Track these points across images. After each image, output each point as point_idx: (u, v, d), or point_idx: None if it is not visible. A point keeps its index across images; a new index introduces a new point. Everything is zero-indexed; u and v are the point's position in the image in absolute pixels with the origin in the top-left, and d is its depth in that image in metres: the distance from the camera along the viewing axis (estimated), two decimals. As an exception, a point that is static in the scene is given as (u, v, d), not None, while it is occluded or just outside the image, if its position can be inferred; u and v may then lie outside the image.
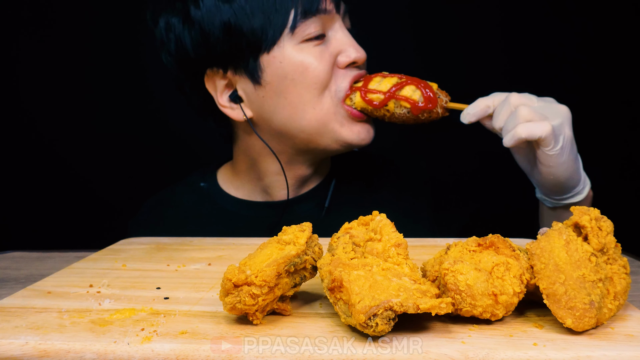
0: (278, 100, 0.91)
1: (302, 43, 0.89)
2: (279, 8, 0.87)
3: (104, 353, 0.47)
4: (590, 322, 0.48)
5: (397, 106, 0.87)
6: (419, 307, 0.46)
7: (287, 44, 0.89)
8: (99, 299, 0.60)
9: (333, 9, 0.91)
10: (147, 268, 0.73)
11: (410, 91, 0.87)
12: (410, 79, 0.89)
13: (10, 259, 0.89)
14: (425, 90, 0.86)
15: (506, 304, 0.50)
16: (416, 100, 0.86)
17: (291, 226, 0.60)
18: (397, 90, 0.88)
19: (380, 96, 0.88)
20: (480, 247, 0.56)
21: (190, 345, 0.47)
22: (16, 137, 1.63)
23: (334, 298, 0.50)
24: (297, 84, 0.90)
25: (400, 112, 0.87)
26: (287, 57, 0.89)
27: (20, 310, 0.57)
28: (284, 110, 0.91)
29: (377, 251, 0.56)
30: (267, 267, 0.52)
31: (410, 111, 0.86)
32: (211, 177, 1.09)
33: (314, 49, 0.90)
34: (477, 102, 0.84)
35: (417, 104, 0.86)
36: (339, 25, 0.93)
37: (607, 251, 0.53)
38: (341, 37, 0.92)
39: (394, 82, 0.89)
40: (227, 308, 0.51)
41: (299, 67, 0.89)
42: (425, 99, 0.86)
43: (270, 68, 0.90)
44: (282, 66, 0.89)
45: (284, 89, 0.90)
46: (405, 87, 0.88)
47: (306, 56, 0.89)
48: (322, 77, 0.90)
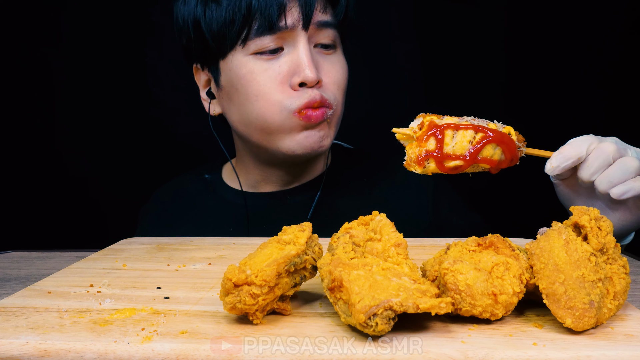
0: (230, 103, 0.96)
1: (253, 54, 0.90)
2: (236, 20, 0.88)
3: (104, 353, 0.47)
4: (590, 322, 0.48)
5: (475, 167, 0.70)
6: (418, 306, 0.46)
7: (239, 54, 0.91)
8: (99, 299, 0.60)
9: (297, 25, 0.89)
10: (147, 268, 0.73)
11: (491, 150, 0.69)
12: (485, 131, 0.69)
13: (10, 259, 0.89)
14: (507, 145, 0.69)
15: (506, 303, 0.50)
16: (497, 161, 0.69)
17: (291, 226, 0.60)
18: (477, 152, 0.69)
19: (459, 162, 0.69)
20: (480, 247, 0.56)
21: (191, 345, 0.48)
22: (16, 137, 1.63)
23: (334, 298, 0.50)
24: (240, 94, 0.92)
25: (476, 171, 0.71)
26: (235, 66, 0.91)
27: (20, 310, 0.57)
28: (235, 114, 0.96)
29: (377, 251, 0.56)
30: (267, 266, 0.52)
31: (489, 171, 0.71)
32: (216, 171, 1.14)
33: (262, 63, 0.90)
34: (565, 152, 0.71)
35: (499, 164, 0.70)
36: (302, 41, 0.89)
37: (607, 251, 0.53)
38: (297, 56, 0.89)
39: (469, 139, 0.69)
40: (227, 308, 0.51)
41: (242, 80, 0.91)
42: (507, 158, 0.70)
43: (224, 73, 0.94)
44: (230, 74, 0.92)
45: (233, 95, 0.94)
46: (485, 147, 0.69)
47: (251, 69, 0.90)
48: (265, 91, 0.90)
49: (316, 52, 0.93)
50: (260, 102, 0.90)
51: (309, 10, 0.88)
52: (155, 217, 1.13)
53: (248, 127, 0.95)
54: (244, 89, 0.91)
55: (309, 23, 0.89)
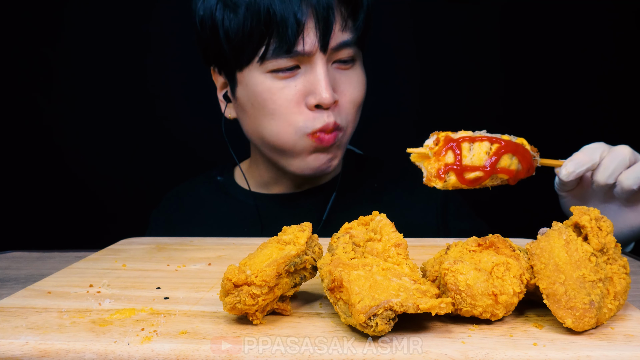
0: (244, 114, 0.96)
1: (270, 72, 0.88)
2: (254, 37, 0.86)
3: (104, 353, 0.47)
4: (590, 322, 0.48)
5: (494, 178, 0.71)
6: (419, 307, 0.46)
7: (255, 70, 0.89)
8: (99, 299, 0.60)
9: (315, 51, 0.86)
10: (147, 268, 0.73)
11: (508, 160, 0.70)
12: (500, 142, 0.70)
13: (10, 259, 0.89)
14: (522, 155, 0.71)
15: (506, 304, 0.50)
16: (515, 171, 0.70)
17: (291, 226, 0.60)
18: (496, 162, 0.70)
19: (479, 173, 0.69)
20: (480, 247, 0.56)
21: (190, 345, 0.47)
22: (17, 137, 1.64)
23: (334, 298, 0.50)
24: (256, 109, 0.91)
25: (495, 183, 0.72)
26: (251, 82, 0.90)
27: (20, 310, 0.57)
28: (247, 125, 0.97)
29: (377, 251, 0.56)
30: (267, 267, 0.52)
31: (508, 182, 0.71)
32: (228, 172, 1.15)
33: (279, 82, 0.88)
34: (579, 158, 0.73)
35: (517, 174, 0.71)
36: (319, 63, 0.87)
37: (607, 251, 0.53)
38: (314, 76, 0.87)
39: (486, 150, 0.70)
40: (227, 308, 0.51)
41: (258, 97, 0.90)
42: (524, 167, 0.71)
43: (240, 85, 0.93)
44: (247, 89, 0.91)
45: (247, 109, 0.93)
46: (503, 157, 0.70)
47: (268, 87, 0.88)
48: (280, 110, 0.89)
49: (334, 69, 0.91)
50: (275, 122, 0.90)
51: (326, 33, 0.86)
52: (166, 219, 1.13)
53: (260, 141, 0.96)
54: (260, 106, 0.90)
55: (327, 47, 0.87)
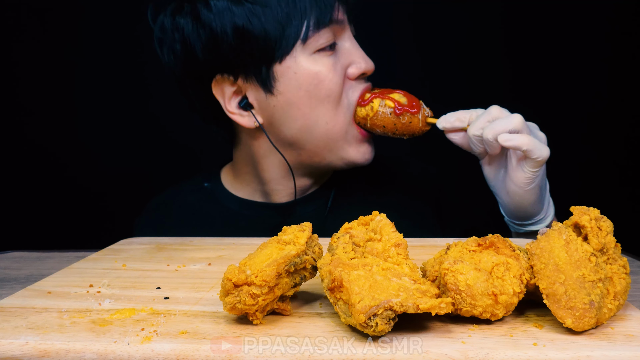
0: (290, 110, 0.89)
1: (314, 53, 0.87)
2: (292, 18, 0.85)
3: (104, 353, 0.47)
4: (590, 322, 0.48)
5: (382, 105, 0.89)
6: (419, 307, 0.46)
7: (300, 55, 0.87)
8: (99, 299, 0.60)
9: (345, 19, 0.90)
10: (147, 268, 0.73)
11: (398, 96, 0.90)
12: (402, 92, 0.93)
13: (10, 259, 0.89)
14: (411, 98, 0.90)
15: (506, 304, 0.50)
16: (400, 102, 0.89)
17: (291, 226, 0.60)
18: (386, 92, 0.91)
19: (368, 94, 0.92)
20: (480, 247, 0.56)
21: (190, 345, 0.47)
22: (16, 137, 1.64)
23: (334, 298, 0.50)
24: (311, 95, 0.88)
25: (384, 111, 0.89)
26: (301, 68, 0.87)
27: (20, 310, 0.57)
28: (296, 121, 0.90)
29: (377, 251, 0.56)
30: (267, 267, 0.52)
31: (393, 112, 0.89)
32: (215, 178, 1.09)
33: (327, 60, 0.88)
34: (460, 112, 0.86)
35: (401, 104, 0.89)
36: (348, 35, 0.92)
37: (607, 251, 0.53)
38: (350, 48, 0.92)
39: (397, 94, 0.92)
40: (227, 308, 0.51)
41: (314, 79, 0.87)
42: (409, 103, 0.89)
43: (284, 78, 0.88)
44: (296, 77, 0.87)
45: (297, 100, 0.88)
46: (394, 93, 0.91)
47: (320, 67, 0.88)
48: (336, 89, 0.89)
49: None
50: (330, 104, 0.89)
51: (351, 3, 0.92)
52: (152, 229, 1.05)
53: (309, 134, 0.91)
54: (316, 89, 0.88)
55: (351, 16, 0.92)
